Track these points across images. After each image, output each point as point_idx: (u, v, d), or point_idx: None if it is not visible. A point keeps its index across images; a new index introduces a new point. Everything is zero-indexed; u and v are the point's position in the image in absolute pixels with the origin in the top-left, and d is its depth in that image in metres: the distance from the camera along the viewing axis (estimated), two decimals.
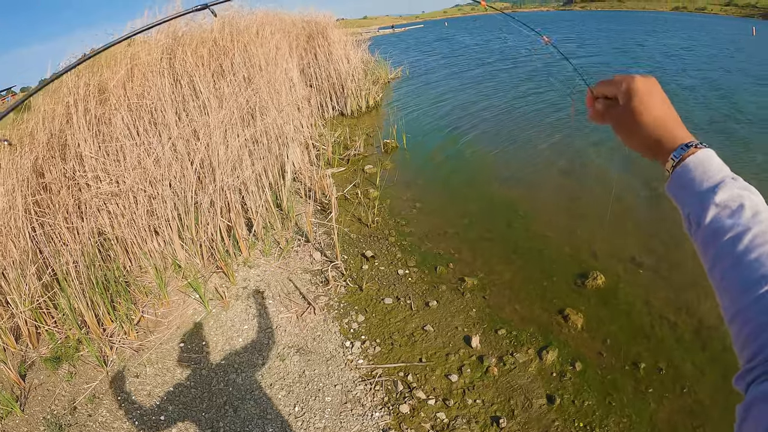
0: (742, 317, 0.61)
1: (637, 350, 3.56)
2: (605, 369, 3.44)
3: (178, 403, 3.49)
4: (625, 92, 0.80)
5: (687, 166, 0.73)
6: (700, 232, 0.70)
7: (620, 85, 0.81)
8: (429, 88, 13.79)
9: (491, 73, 15.53)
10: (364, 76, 11.64)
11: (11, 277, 3.98)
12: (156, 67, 5.40)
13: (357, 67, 11.35)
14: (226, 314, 4.26)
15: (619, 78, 0.82)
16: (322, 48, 10.74)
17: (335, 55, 10.80)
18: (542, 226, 5.38)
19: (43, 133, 4.71)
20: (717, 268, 0.67)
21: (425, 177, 7.30)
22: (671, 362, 3.43)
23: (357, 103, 10.99)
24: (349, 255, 5.10)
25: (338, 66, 10.75)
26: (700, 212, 0.70)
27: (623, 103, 0.81)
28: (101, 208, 4.62)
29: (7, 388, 3.70)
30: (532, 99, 11.16)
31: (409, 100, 12.37)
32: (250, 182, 5.18)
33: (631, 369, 3.41)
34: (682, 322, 3.76)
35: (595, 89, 0.88)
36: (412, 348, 3.78)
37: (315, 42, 10.78)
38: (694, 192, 0.72)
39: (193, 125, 5.06)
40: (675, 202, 0.77)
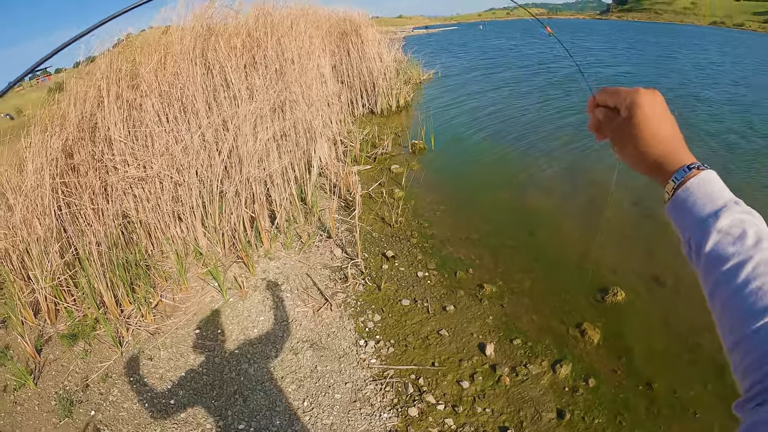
0: (743, 347, 0.60)
1: (652, 370, 3.47)
2: (618, 387, 3.36)
3: (189, 389, 3.51)
4: (629, 105, 0.76)
5: (688, 189, 0.71)
6: (700, 259, 0.68)
7: (624, 97, 0.77)
8: (460, 91, 13.69)
9: (524, 78, 15.38)
10: (396, 75, 11.58)
11: (34, 254, 4.04)
12: (188, 55, 5.43)
13: (389, 65, 11.31)
14: (243, 304, 4.27)
15: (622, 90, 0.79)
16: (355, 45, 10.72)
17: (368, 52, 10.77)
18: (565, 237, 5.30)
19: (74, 114, 4.76)
20: (717, 296, 0.66)
21: (451, 180, 7.24)
22: (685, 385, 3.34)
23: (387, 102, 10.94)
24: (369, 253, 5.07)
25: (370, 64, 10.73)
26: (701, 238, 0.68)
27: (625, 116, 0.77)
28: (127, 192, 4.66)
29: (23, 361, 3.76)
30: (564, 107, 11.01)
31: (440, 102, 12.28)
32: (276, 175, 5.18)
33: (644, 389, 3.33)
34: (699, 345, 3.65)
35: (597, 96, 0.84)
36: (425, 351, 3.75)
37: (348, 39, 10.76)
38: (695, 217, 0.70)
39: (223, 115, 5.07)
40: (674, 225, 0.75)
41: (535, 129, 9.51)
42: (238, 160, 4.92)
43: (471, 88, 14.34)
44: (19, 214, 4.14)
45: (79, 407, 3.41)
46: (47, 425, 3.32)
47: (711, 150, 7.77)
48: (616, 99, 0.79)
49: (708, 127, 9.02)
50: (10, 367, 3.66)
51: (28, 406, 3.47)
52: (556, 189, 6.69)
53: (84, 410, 3.39)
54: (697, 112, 9.96)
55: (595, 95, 0.84)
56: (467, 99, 12.72)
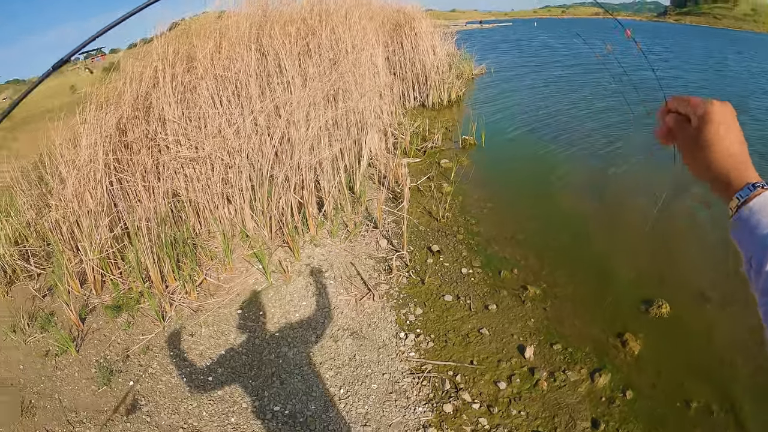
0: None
1: (691, 388, 3.31)
2: (655, 402, 3.23)
3: (228, 367, 3.54)
4: (701, 116, 0.76)
5: (751, 208, 0.71)
6: (760, 278, 0.67)
7: (697, 107, 0.78)
8: (513, 89, 13.44)
9: (579, 78, 14.95)
10: (448, 70, 11.43)
11: (84, 226, 4.14)
12: (244, 40, 5.46)
13: (442, 59, 11.15)
14: (286, 288, 4.27)
15: (695, 99, 0.79)
16: (408, 37, 10.63)
17: (421, 45, 10.66)
18: (614, 244, 5.10)
19: (130, 93, 4.86)
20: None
21: (500, 178, 7.10)
22: (725, 406, 3.17)
23: (439, 96, 10.83)
24: (415, 246, 5.01)
25: (423, 57, 10.61)
26: (762, 257, 0.67)
27: (696, 126, 0.78)
28: (178, 171, 4.72)
29: (66, 328, 3.86)
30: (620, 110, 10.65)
31: (492, 99, 12.07)
32: (326, 162, 5.17)
33: (682, 406, 3.18)
34: (742, 366, 3.46)
35: (670, 102, 0.85)
36: (465, 348, 3.69)
37: (402, 30, 10.67)
38: (757, 235, 0.69)
39: (276, 101, 5.08)
40: (737, 243, 0.74)
41: (588, 131, 9.22)
42: (290, 146, 4.93)
43: (524, 85, 14.07)
44: (71, 187, 4.25)
45: (118, 377, 3.48)
46: (86, 391, 3.40)
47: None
48: (688, 107, 0.80)
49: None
50: (53, 333, 3.77)
51: (69, 371, 3.56)
52: (607, 193, 6.47)
53: (123, 380, 3.46)
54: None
55: (668, 101, 0.85)
56: (519, 97, 12.47)
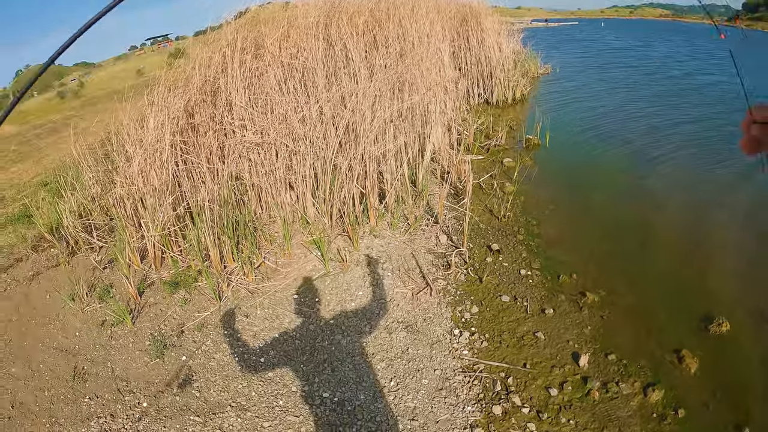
0: None
1: (746, 411, 3.13)
2: (707, 423, 3.07)
3: (280, 350, 3.57)
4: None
5: None
6: None
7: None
8: (579, 90, 13.07)
9: (648, 81, 14.38)
10: (513, 67, 11.23)
11: (148, 203, 4.26)
12: (311, 30, 5.49)
13: (508, 57, 10.99)
14: (343, 277, 4.27)
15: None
16: (474, 33, 10.49)
17: (487, 42, 10.51)
18: (676, 257, 4.86)
19: (198, 77, 4.95)
20: None
21: (564, 180, 6.90)
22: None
23: (504, 94, 10.64)
24: (474, 244, 4.93)
25: (489, 53, 10.46)
26: None
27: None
28: (243, 155, 4.79)
29: (124, 300, 4.00)
30: (694, 117, 10.19)
31: (557, 99, 11.77)
32: (390, 154, 5.14)
33: (734, 430, 3.01)
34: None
35: (756, 111, 0.77)
36: (518, 351, 3.61)
37: (468, 26, 10.55)
38: None
39: (342, 91, 5.09)
40: None
41: (656, 137, 8.84)
42: (354, 136, 4.92)
43: (590, 86, 13.66)
44: (137, 165, 4.37)
45: (172, 351, 3.58)
46: (138, 362, 3.51)
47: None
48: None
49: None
50: (111, 304, 3.91)
51: (123, 342, 3.69)
52: (673, 203, 6.17)
53: (176, 354, 3.55)
54: None
55: (752, 110, 0.78)
56: (585, 98, 12.10)
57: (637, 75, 16.00)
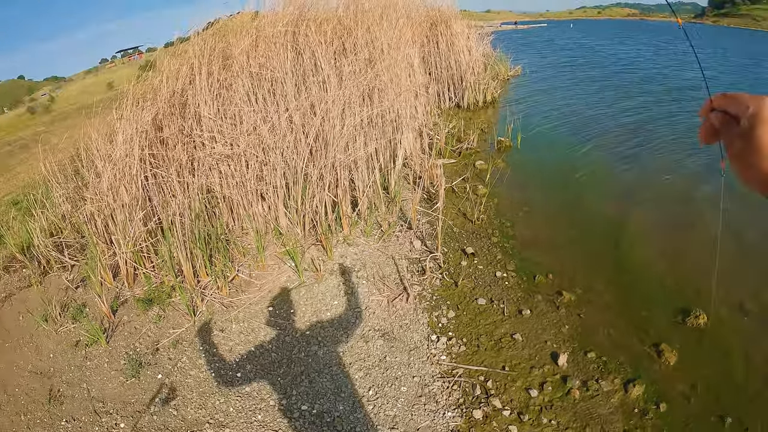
0: None
1: (726, 402, 3.18)
2: (689, 416, 3.11)
3: (257, 364, 3.53)
4: (753, 115, 0.67)
5: None
6: None
7: (747, 105, 0.69)
8: (549, 90, 13.23)
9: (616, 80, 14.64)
10: (483, 70, 11.34)
11: (119, 219, 4.20)
12: (280, 39, 5.47)
13: (478, 60, 11.08)
14: (318, 287, 4.24)
15: (745, 96, 0.70)
16: (444, 37, 10.55)
17: (457, 46, 10.57)
18: (651, 252, 4.94)
19: (166, 90, 4.91)
20: None
21: (536, 181, 6.96)
22: (760, 423, 3.04)
23: (474, 97, 10.71)
24: (449, 248, 4.93)
25: (459, 57, 10.52)
26: None
27: (746, 126, 0.68)
28: (213, 167, 4.74)
29: (97, 320, 3.92)
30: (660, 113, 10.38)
31: (528, 100, 11.88)
32: (361, 162, 5.13)
33: (716, 421, 3.06)
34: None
35: (715, 100, 0.76)
36: (497, 354, 3.61)
37: (437, 30, 10.59)
38: None
39: (311, 99, 5.07)
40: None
41: (627, 134, 8.98)
42: (324, 144, 4.91)
43: (560, 87, 13.85)
44: (107, 181, 4.30)
45: (147, 369, 3.51)
46: (114, 382, 3.43)
47: None
48: (737, 106, 0.71)
49: None
50: (84, 323, 3.83)
51: (98, 362, 3.60)
52: (646, 198, 6.26)
53: (152, 373, 3.48)
54: None
55: (713, 98, 0.77)
56: (555, 97, 12.27)
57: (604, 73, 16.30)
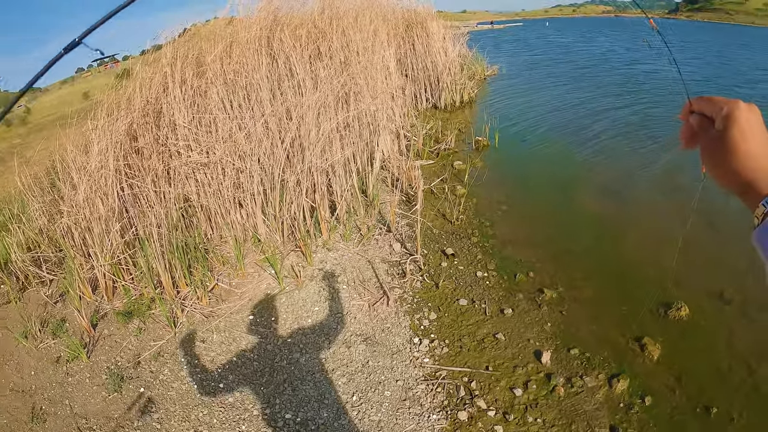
0: None
1: (711, 393, 3.22)
2: (675, 408, 3.14)
3: (239, 374, 3.50)
4: (725, 117, 0.72)
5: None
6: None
7: (721, 107, 0.73)
8: (526, 89, 13.34)
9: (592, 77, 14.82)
10: (460, 71, 11.39)
11: (96, 232, 4.13)
12: (254, 44, 5.44)
13: (454, 60, 11.10)
14: (298, 293, 4.23)
15: (720, 99, 0.75)
16: (420, 39, 10.58)
17: (433, 47, 10.61)
18: (631, 246, 5.00)
19: (140, 99, 4.85)
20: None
21: (515, 179, 7.02)
22: (745, 412, 3.09)
23: (451, 97, 10.76)
24: (429, 250, 4.94)
25: (435, 58, 10.55)
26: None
27: (720, 128, 0.73)
28: (189, 176, 4.70)
29: (77, 335, 3.86)
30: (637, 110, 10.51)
31: (505, 99, 11.98)
32: (338, 166, 5.12)
33: (702, 412, 3.10)
34: (763, 371, 3.37)
35: (694, 102, 0.81)
36: (480, 354, 3.61)
37: (413, 32, 10.62)
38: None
39: (287, 104, 5.06)
40: (762, 253, 0.68)
41: (603, 130, 9.08)
42: (301, 149, 4.89)
43: (536, 85, 13.97)
44: (83, 193, 4.24)
45: (129, 383, 3.46)
46: (96, 398, 3.38)
47: None
48: (712, 108, 0.76)
49: None
50: (64, 339, 3.78)
51: (80, 378, 3.55)
52: (624, 196, 6.34)
53: (134, 386, 3.44)
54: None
55: (691, 101, 0.81)
56: (532, 96, 12.38)
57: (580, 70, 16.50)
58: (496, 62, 15.80)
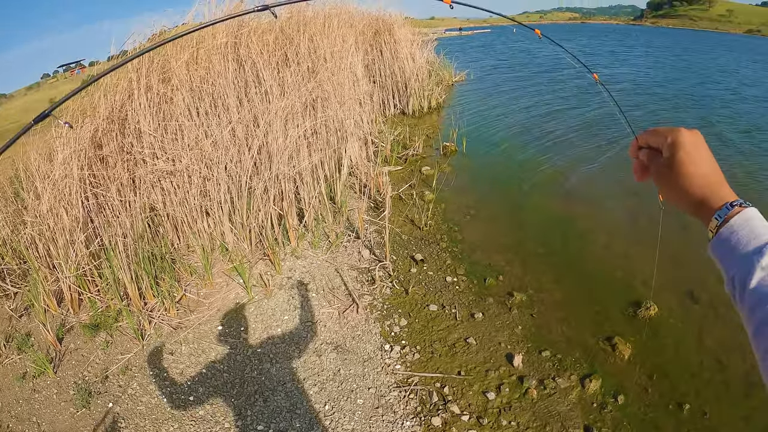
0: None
1: (683, 390, 3.33)
2: (648, 406, 3.23)
3: (209, 386, 3.45)
4: (671, 144, 0.77)
5: (732, 227, 0.70)
6: (744, 297, 0.66)
7: (665, 136, 0.79)
8: (493, 94, 13.50)
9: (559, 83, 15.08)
10: (428, 77, 11.45)
11: (60, 243, 4.04)
12: (221, 50, 5.39)
13: (422, 66, 11.18)
14: (267, 302, 4.19)
15: (664, 129, 0.80)
16: (388, 45, 10.60)
17: (401, 53, 10.65)
18: (598, 247, 5.14)
19: (105, 106, 4.76)
20: (762, 336, 0.63)
21: (483, 184, 7.10)
22: (717, 407, 3.20)
23: (419, 103, 10.81)
24: (398, 256, 4.95)
25: (403, 64, 10.60)
26: (746, 275, 0.66)
27: (667, 155, 0.78)
28: (155, 185, 4.63)
29: (43, 349, 3.75)
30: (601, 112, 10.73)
31: (472, 105, 12.09)
32: (306, 173, 5.10)
33: (674, 409, 3.19)
34: (733, 366, 3.50)
35: (640, 138, 0.86)
36: (452, 359, 3.64)
37: (381, 38, 10.65)
38: (739, 254, 0.68)
39: (254, 111, 5.02)
40: (719, 263, 0.73)
41: (570, 135, 9.28)
42: (268, 157, 4.86)
43: (503, 91, 14.15)
44: (47, 203, 4.14)
45: (98, 398, 3.38)
46: (64, 414, 3.29)
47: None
48: (657, 139, 0.81)
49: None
50: (30, 354, 3.67)
51: (47, 394, 3.45)
52: (591, 198, 6.49)
53: (102, 402, 3.36)
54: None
55: (638, 138, 0.87)
56: (499, 101, 12.56)
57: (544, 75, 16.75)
58: (463, 68, 15.93)
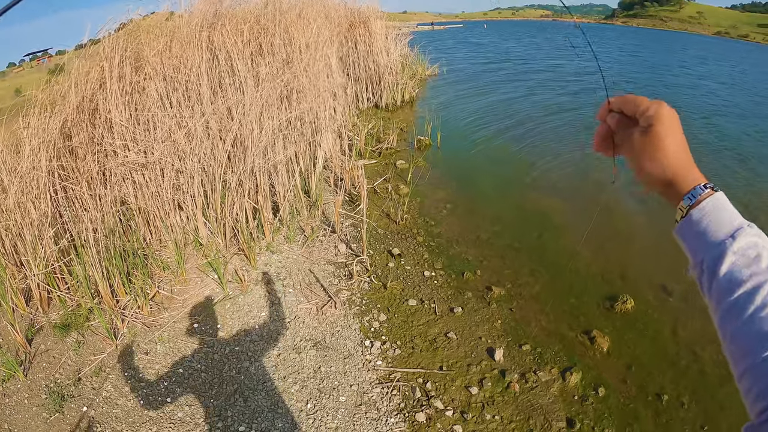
0: (754, 373, 0.59)
1: (661, 381, 3.43)
2: (628, 397, 3.31)
3: (187, 387, 3.36)
4: (653, 116, 0.73)
5: (703, 210, 0.69)
6: (713, 282, 0.66)
7: (647, 107, 0.74)
8: (467, 88, 13.57)
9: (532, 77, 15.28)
10: (402, 70, 11.46)
11: (28, 238, 3.88)
12: (195, 39, 5.26)
13: (396, 60, 11.15)
14: (243, 298, 4.12)
15: (644, 99, 0.76)
16: (362, 38, 10.55)
17: (375, 46, 10.60)
18: (574, 241, 5.20)
19: (75, 95, 4.59)
20: (729, 320, 0.64)
21: (458, 178, 7.11)
22: (694, 396, 3.31)
23: (393, 97, 10.79)
24: (375, 250, 4.93)
25: (377, 57, 10.55)
26: (716, 260, 0.66)
27: (645, 125, 0.74)
28: (126, 178, 4.49)
29: (12, 351, 3.59)
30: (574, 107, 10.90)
31: (446, 99, 12.15)
32: (281, 166, 5.02)
33: (653, 400, 3.29)
34: (708, 356, 3.62)
35: (613, 101, 0.81)
36: (433, 354, 3.64)
37: (356, 31, 10.58)
38: (709, 238, 0.68)
39: (228, 103, 4.92)
40: (685, 247, 0.73)
41: (543, 127, 9.42)
42: (242, 149, 4.77)
43: (476, 84, 14.27)
44: (13, 197, 3.97)
45: (71, 402, 3.26)
46: (37, 419, 3.16)
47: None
48: (635, 108, 0.76)
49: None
50: None
51: (17, 398, 3.31)
52: (566, 190, 6.58)
53: (76, 405, 3.24)
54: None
55: (610, 100, 0.81)
56: (471, 95, 12.66)
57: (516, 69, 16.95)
58: (437, 62, 15.95)
